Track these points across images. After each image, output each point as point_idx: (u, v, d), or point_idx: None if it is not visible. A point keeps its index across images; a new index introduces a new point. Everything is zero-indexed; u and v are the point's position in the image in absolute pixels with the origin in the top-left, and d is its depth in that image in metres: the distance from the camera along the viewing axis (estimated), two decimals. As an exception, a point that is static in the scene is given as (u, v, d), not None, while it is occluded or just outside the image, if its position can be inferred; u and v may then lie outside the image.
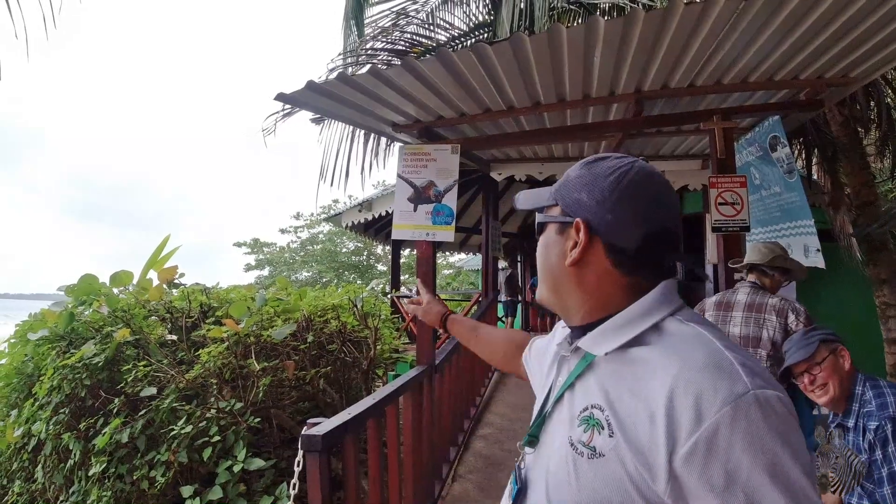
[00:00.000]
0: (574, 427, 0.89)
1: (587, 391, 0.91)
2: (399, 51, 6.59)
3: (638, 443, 0.79)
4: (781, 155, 4.07)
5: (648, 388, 0.81)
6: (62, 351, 4.81)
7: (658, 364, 0.82)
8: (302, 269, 24.48)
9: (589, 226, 0.94)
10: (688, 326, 0.87)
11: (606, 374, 0.90)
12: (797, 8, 2.89)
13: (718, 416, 0.73)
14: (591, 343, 0.93)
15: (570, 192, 0.99)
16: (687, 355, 0.80)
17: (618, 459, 0.81)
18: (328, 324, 5.10)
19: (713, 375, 0.76)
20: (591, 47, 3.26)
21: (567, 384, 0.96)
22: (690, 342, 0.84)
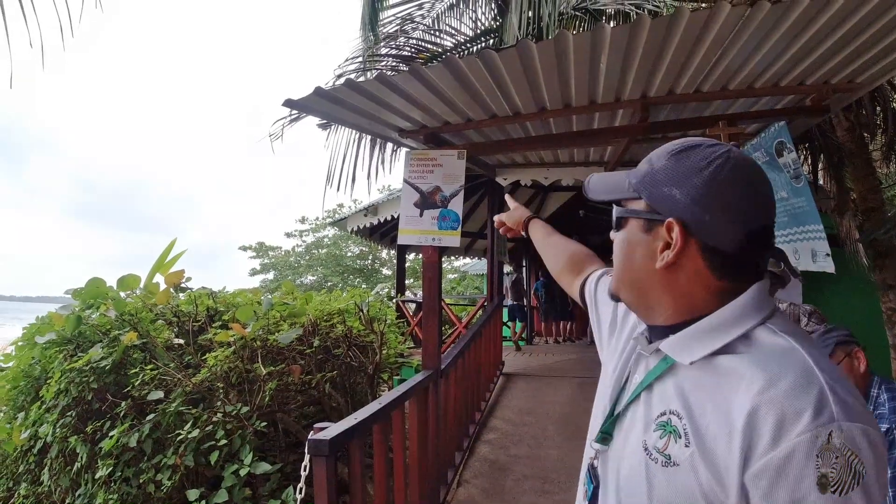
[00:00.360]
0: (650, 431, 0.87)
1: (665, 395, 0.88)
2: (405, 56, 6.61)
3: (714, 457, 0.77)
4: (788, 160, 4.06)
5: (730, 403, 0.77)
6: (69, 354, 4.84)
7: (744, 378, 0.78)
8: (307, 274, 24.52)
9: (684, 226, 0.86)
10: (781, 338, 0.82)
11: (688, 381, 0.86)
12: (803, 14, 2.89)
13: (796, 442, 0.70)
14: (674, 348, 0.88)
15: (657, 185, 0.91)
16: (776, 372, 0.76)
17: (692, 470, 0.78)
18: (334, 328, 5.12)
19: (799, 398, 0.72)
20: (597, 54, 3.27)
21: (644, 385, 0.92)
22: (781, 357, 0.78)
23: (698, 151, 0.89)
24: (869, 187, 5.69)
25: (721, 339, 0.84)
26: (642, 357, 0.98)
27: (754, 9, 2.84)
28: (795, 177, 4.02)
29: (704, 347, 0.84)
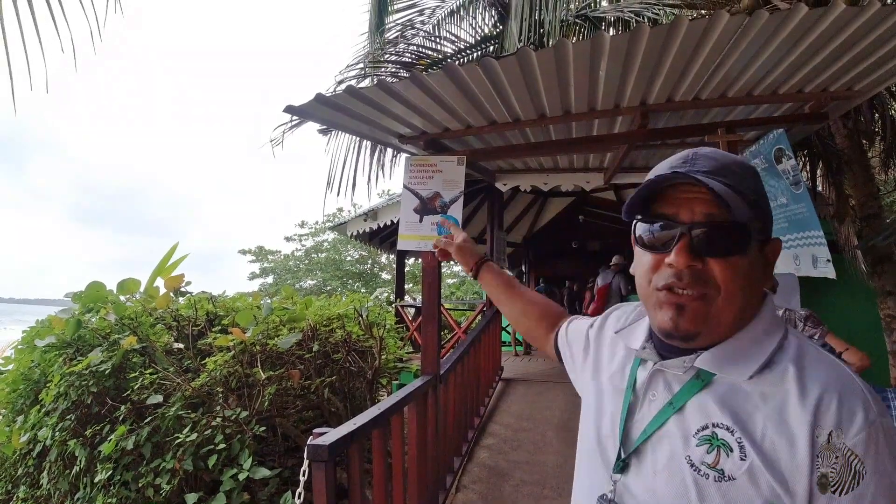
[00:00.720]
0: (691, 447, 0.84)
1: (704, 409, 0.86)
2: (406, 62, 6.64)
3: (777, 465, 0.78)
4: (787, 167, 4.08)
5: (785, 413, 0.80)
6: (69, 358, 4.84)
7: (794, 388, 0.81)
8: (306, 278, 24.53)
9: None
10: (809, 346, 0.87)
11: (731, 393, 0.85)
12: (801, 23, 2.91)
13: (855, 441, 0.77)
14: (717, 364, 0.86)
15: (767, 205, 0.88)
16: (824, 380, 0.80)
17: (751, 483, 0.79)
18: (333, 333, 5.12)
19: (850, 401, 0.78)
20: (596, 62, 3.29)
21: (678, 404, 0.88)
22: (821, 364, 0.83)
23: (744, 161, 0.90)
24: (867, 194, 5.71)
25: (763, 353, 0.85)
26: (660, 374, 0.93)
27: (752, 17, 2.86)
28: (795, 183, 4.04)
29: (753, 361, 0.85)
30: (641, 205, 0.90)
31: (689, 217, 0.84)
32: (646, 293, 0.91)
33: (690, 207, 0.85)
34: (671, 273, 0.85)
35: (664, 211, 0.87)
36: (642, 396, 0.94)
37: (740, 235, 0.84)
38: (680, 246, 0.83)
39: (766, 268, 0.90)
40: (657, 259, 0.88)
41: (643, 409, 0.93)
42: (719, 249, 0.83)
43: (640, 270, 0.92)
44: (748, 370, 0.84)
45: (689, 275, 0.84)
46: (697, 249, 0.83)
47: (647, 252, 0.90)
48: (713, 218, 0.83)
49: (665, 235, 0.86)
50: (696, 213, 0.84)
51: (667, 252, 0.85)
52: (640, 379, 0.96)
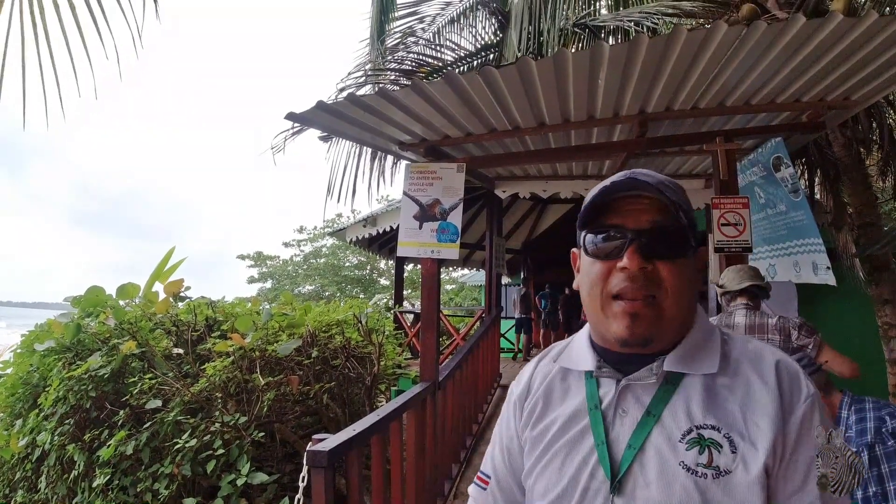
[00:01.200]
0: (681, 451, 0.87)
1: (683, 413, 0.90)
2: (406, 70, 6.67)
3: (765, 442, 0.86)
4: (785, 175, 4.11)
5: (754, 395, 0.90)
6: (68, 362, 4.85)
7: (755, 373, 0.92)
8: (305, 283, 24.49)
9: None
10: (743, 337, 0.99)
11: (703, 393, 0.91)
12: (799, 33, 2.94)
13: (805, 406, 0.89)
14: (684, 363, 0.93)
15: (694, 218, 0.96)
16: (771, 363, 0.93)
17: (745, 470, 0.85)
18: (333, 339, 5.13)
19: (796, 378, 0.92)
20: (595, 71, 3.32)
21: (658, 412, 0.91)
22: (764, 351, 0.95)
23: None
24: (865, 202, 5.73)
25: (716, 346, 0.95)
26: (627, 390, 0.95)
27: (750, 28, 2.89)
28: (794, 191, 4.07)
29: (713, 354, 0.94)
30: (591, 218, 0.96)
31: (636, 224, 0.91)
32: (597, 304, 0.94)
33: (636, 217, 0.92)
34: (624, 277, 0.90)
35: (613, 221, 0.93)
36: (612, 414, 0.95)
37: (682, 239, 0.92)
38: (631, 250, 0.89)
39: (698, 272, 0.98)
40: (608, 267, 0.92)
41: (617, 427, 0.94)
42: (665, 252, 0.91)
43: (589, 280, 0.96)
44: (714, 363, 0.92)
45: (641, 277, 0.89)
46: (646, 253, 0.89)
47: (597, 262, 0.94)
48: (658, 224, 0.91)
49: (616, 243, 0.92)
50: (643, 221, 0.91)
51: (618, 258, 0.91)
52: (606, 398, 0.96)
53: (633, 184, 0.93)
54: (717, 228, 3.92)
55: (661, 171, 5.89)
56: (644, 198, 0.93)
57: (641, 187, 0.92)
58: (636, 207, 0.93)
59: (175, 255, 5.43)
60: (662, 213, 0.92)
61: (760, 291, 3.28)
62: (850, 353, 3.08)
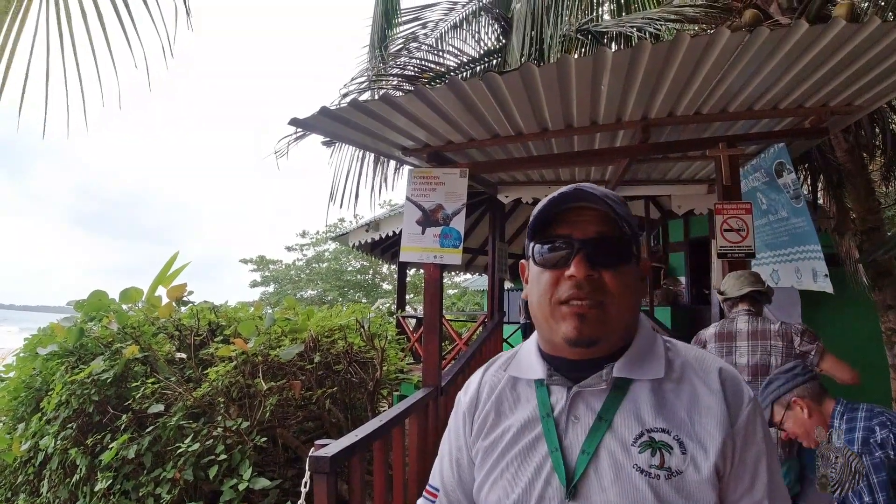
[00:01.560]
0: (633, 455, 0.91)
1: (634, 418, 0.94)
2: (409, 76, 6.68)
3: (713, 444, 0.90)
4: (787, 181, 4.10)
5: (699, 400, 0.94)
6: (71, 366, 4.85)
7: (699, 378, 0.97)
8: (307, 287, 24.51)
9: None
10: (683, 344, 1.05)
11: (651, 397, 0.95)
12: (802, 39, 2.94)
13: (749, 409, 0.94)
14: (632, 369, 0.97)
15: (637, 229, 1.01)
16: (715, 368, 0.98)
17: (696, 470, 0.89)
18: (335, 344, 5.13)
19: (737, 383, 0.97)
20: (598, 77, 3.32)
21: (609, 418, 0.95)
22: (706, 358, 1.01)
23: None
24: (868, 207, 5.72)
25: (661, 353, 0.99)
26: (578, 397, 0.97)
27: (753, 34, 2.89)
28: (795, 197, 4.06)
29: (658, 360, 0.98)
30: (540, 229, 1.00)
31: (582, 234, 0.96)
32: (546, 311, 0.97)
33: (583, 227, 0.97)
34: (572, 284, 0.94)
35: (560, 232, 0.98)
36: (564, 421, 0.97)
37: (626, 249, 0.97)
38: (578, 258, 0.93)
39: (642, 281, 1.03)
40: (556, 276, 0.96)
41: (570, 434, 0.96)
42: (610, 261, 0.95)
43: (538, 289, 0.99)
44: (660, 368, 0.97)
45: (588, 284, 0.93)
46: (592, 261, 0.94)
47: (545, 271, 0.98)
48: (603, 234, 0.96)
49: (563, 253, 0.96)
50: (589, 231, 0.96)
51: (566, 267, 0.94)
52: (558, 406, 0.99)
53: (580, 195, 0.97)
54: (720, 234, 3.92)
55: (664, 176, 5.90)
56: (590, 210, 0.98)
57: (587, 199, 0.97)
58: (582, 219, 0.97)
59: (179, 259, 5.45)
60: (607, 224, 0.97)
61: (762, 297, 3.28)
62: (853, 359, 3.08)
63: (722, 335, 3.22)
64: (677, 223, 9.39)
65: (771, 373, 3.02)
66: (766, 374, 3.02)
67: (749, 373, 3.07)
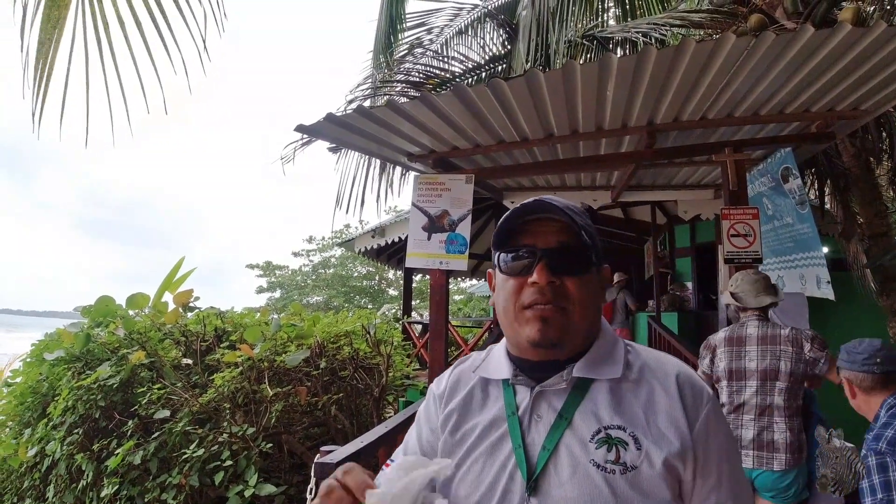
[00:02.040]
0: (591, 451, 0.95)
1: (593, 415, 0.98)
2: (414, 82, 6.70)
3: (669, 443, 0.94)
4: (793, 186, 4.09)
5: (657, 399, 0.98)
6: (78, 372, 4.87)
7: (657, 379, 1.00)
8: (313, 293, 24.52)
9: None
10: (642, 347, 1.08)
11: (609, 397, 1.00)
12: (808, 44, 2.94)
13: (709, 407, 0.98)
14: (591, 369, 1.01)
15: (597, 238, 1.06)
16: (675, 369, 1.02)
17: (650, 466, 0.92)
18: (341, 350, 5.13)
19: (696, 382, 1.01)
20: (604, 83, 3.32)
21: (569, 416, 0.99)
22: (666, 359, 1.05)
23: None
24: (875, 212, 5.69)
25: (620, 355, 1.04)
26: (540, 397, 1.01)
27: (759, 39, 2.89)
28: (800, 203, 4.05)
29: (617, 362, 1.02)
30: (505, 239, 1.05)
31: (545, 244, 1.01)
32: (511, 316, 1.03)
33: (545, 237, 1.02)
34: (535, 290, 0.99)
35: (524, 242, 1.03)
36: (528, 419, 1.01)
37: (585, 256, 1.02)
38: (540, 266, 0.99)
39: (602, 288, 1.08)
40: (520, 282, 1.01)
41: (532, 431, 1.00)
42: (571, 268, 1.01)
43: (504, 295, 1.04)
44: (617, 369, 1.01)
45: (550, 291, 0.98)
46: (554, 269, 0.99)
47: (510, 279, 1.03)
48: (564, 244, 1.01)
49: (527, 261, 1.01)
50: (551, 241, 1.01)
51: (529, 274, 1.00)
52: (522, 405, 1.03)
53: (542, 206, 1.02)
54: (727, 239, 3.91)
55: (671, 181, 5.88)
56: (552, 221, 1.03)
57: (549, 210, 1.02)
58: (545, 229, 1.03)
59: (185, 265, 5.47)
60: (568, 234, 1.02)
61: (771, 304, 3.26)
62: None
63: (732, 339, 3.21)
64: (684, 228, 9.36)
65: (780, 378, 3.01)
66: (775, 378, 3.02)
67: (758, 377, 3.05)
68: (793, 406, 3.00)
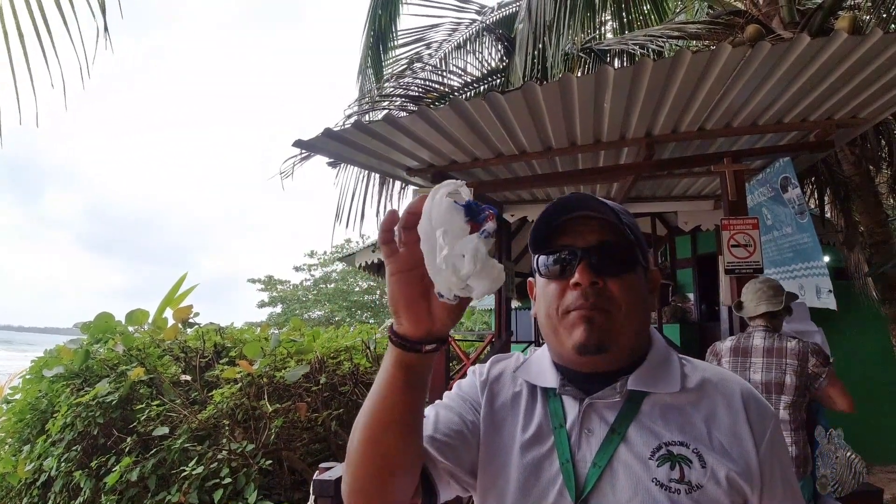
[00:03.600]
0: (652, 469, 0.88)
1: (650, 431, 0.91)
2: (412, 96, 6.72)
3: (731, 460, 0.89)
4: (793, 196, 4.08)
5: (719, 414, 0.93)
6: (76, 388, 4.85)
7: (719, 392, 0.95)
8: (314, 308, 24.48)
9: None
10: (698, 361, 1.03)
11: (667, 411, 0.94)
12: (804, 53, 2.95)
13: (773, 424, 0.95)
14: (647, 382, 0.95)
15: (642, 237, 1.00)
16: (736, 383, 0.98)
17: (716, 484, 0.87)
18: (341, 365, 5.11)
19: (758, 398, 0.97)
20: (601, 95, 3.33)
21: (623, 431, 0.92)
22: (724, 373, 1.01)
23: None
24: (876, 220, 5.68)
25: (676, 368, 0.97)
26: (591, 410, 0.94)
27: (754, 50, 2.89)
28: (800, 212, 4.04)
29: (674, 375, 0.96)
30: (542, 241, 0.99)
31: (584, 243, 0.95)
32: (554, 321, 0.96)
33: (585, 236, 0.96)
34: (578, 293, 0.93)
35: (563, 242, 0.97)
36: (577, 433, 0.94)
37: (629, 255, 0.96)
38: (581, 266, 0.92)
39: (651, 293, 1.01)
40: (562, 286, 0.95)
41: (583, 446, 0.93)
42: (614, 268, 0.94)
43: (546, 301, 0.98)
44: (675, 382, 0.95)
45: (593, 292, 0.92)
46: (596, 269, 0.93)
47: (551, 282, 0.97)
48: (606, 241, 0.95)
49: (567, 262, 0.95)
50: (591, 240, 0.95)
51: (570, 276, 0.94)
52: (570, 417, 0.96)
53: (580, 201, 0.96)
54: (727, 250, 3.89)
55: (670, 192, 5.88)
56: (591, 218, 0.97)
57: (588, 206, 0.96)
58: (584, 227, 0.97)
59: (188, 280, 5.47)
60: (610, 230, 0.96)
61: (779, 313, 3.22)
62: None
63: (737, 350, 3.18)
64: (684, 239, 9.34)
65: (785, 391, 2.98)
66: (780, 392, 2.98)
67: (762, 389, 3.02)
68: (798, 419, 2.96)
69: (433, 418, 1.03)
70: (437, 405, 1.08)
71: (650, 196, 5.95)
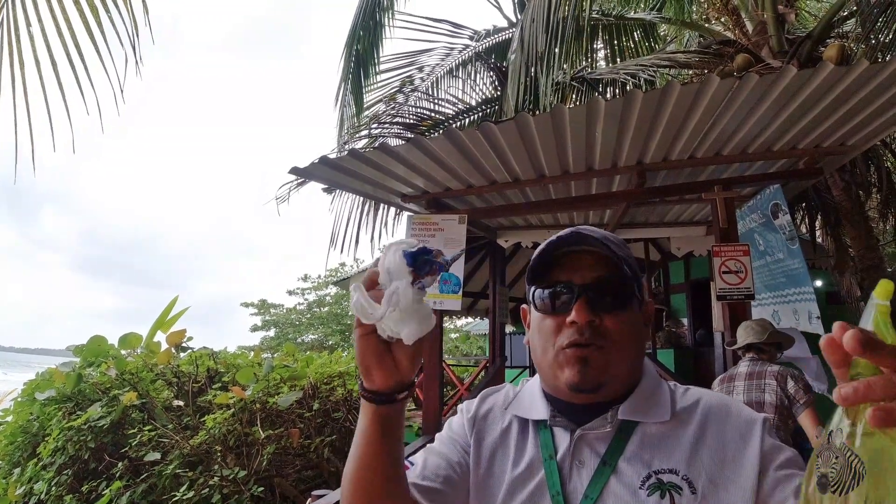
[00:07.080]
0: (643, 498, 0.87)
1: (640, 460, 0.90)
2: (407, 124, 6.78)
3: (728, 483, 0.86)
4: (783, 222, 4.13)
5: (710, 437, 0.91)
6: (68, 412, 4.82)
7: (710, 416, 0.93)
8: (308, 332, 24.33)
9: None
10: (688, 387, 1.02)
11: (656, 440, 0.92)
12: (791, 83, 3.01)
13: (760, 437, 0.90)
14: (638, 412, 0.94)
15: (639, 272, 0.98)
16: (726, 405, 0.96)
17: None
18: (334, 391, 5.10)
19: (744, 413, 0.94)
20: (592, 124, 3.38)
21: (614, 462, 0.92)
22: (711, 395, 0.98)
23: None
24: (867, 245, 5.73)
25: (666, 396, 0.97)
26: (582, 441, 0.94)
27: (742, 80, 2.95)
28: (790, 238, 4.08)
29: (664, 404, 0.95)
30: (539, 274, 0.98)
31: (582, 280, 0.93)
32: (548, 357, 0.95)
33: (582, 272, 0.94)
34: (574, 330, 0.91)
35: (560, 277, 0.95)
36: (568, 466, 0.94)
37: (628, 291, 0.95)
38: (579, 304, 0.91)
39: (645, 325, 1.00)
40: (558, 322, 0.94)
41: (574, 478, 0.93)
42: (611, 305, 0.93)
43: (540, 335, 0.97)
44: (665, 411, 0.94)
45: (590, 330, 0.91)
46: (593, 306, 0.91)
47: (547, 317, 0.96)
48: (604, 278, 0.94)
49: (564, 298, 0.94)
50: (588, 277, 0.94)
51: (567, 313, 0.92)
52: (561, 448, 0.96)
53: (578, 238, 0.95)
54: (718, 276, 3.92)
55: (662, 219, 5.93)
56: (589, 253, 0.96)
57: (586, 242, 0.95)
58: (582, 263, 0.96)
59: (182, 303, 5.44)
60: (608, 267, 0.94)
61: (769, 347, 3.33)
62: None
63: (724, 378, 3.37)
64: (678, 265, 9.38)
65: (765, 409, 3.05)
66: (760, 410, 3.03)
67: None
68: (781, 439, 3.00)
69: (421, 464, 1.03)
70: (427, 450, 1.08)
71: (643, 222, 5.99)
